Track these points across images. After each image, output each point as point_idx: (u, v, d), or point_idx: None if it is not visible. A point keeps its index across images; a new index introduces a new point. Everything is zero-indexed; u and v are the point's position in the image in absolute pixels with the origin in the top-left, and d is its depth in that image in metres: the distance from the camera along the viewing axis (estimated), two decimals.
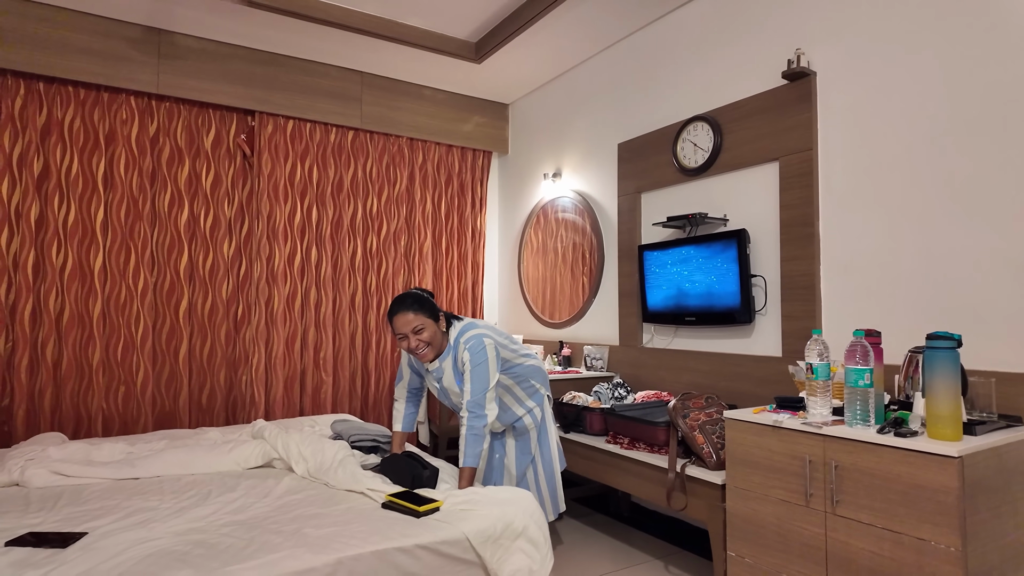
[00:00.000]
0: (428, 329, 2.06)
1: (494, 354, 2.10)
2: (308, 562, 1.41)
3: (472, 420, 1.99)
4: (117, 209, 3.18)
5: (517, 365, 2.35)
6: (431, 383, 2.24)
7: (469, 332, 2.11)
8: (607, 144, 3.44)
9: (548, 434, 2.44)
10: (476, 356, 2.05)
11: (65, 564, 1.37)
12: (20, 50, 2.93)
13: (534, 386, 2.42)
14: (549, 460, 2.43)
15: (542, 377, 2.46)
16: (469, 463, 1.97)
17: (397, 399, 2.33)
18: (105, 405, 3.11)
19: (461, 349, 2.08)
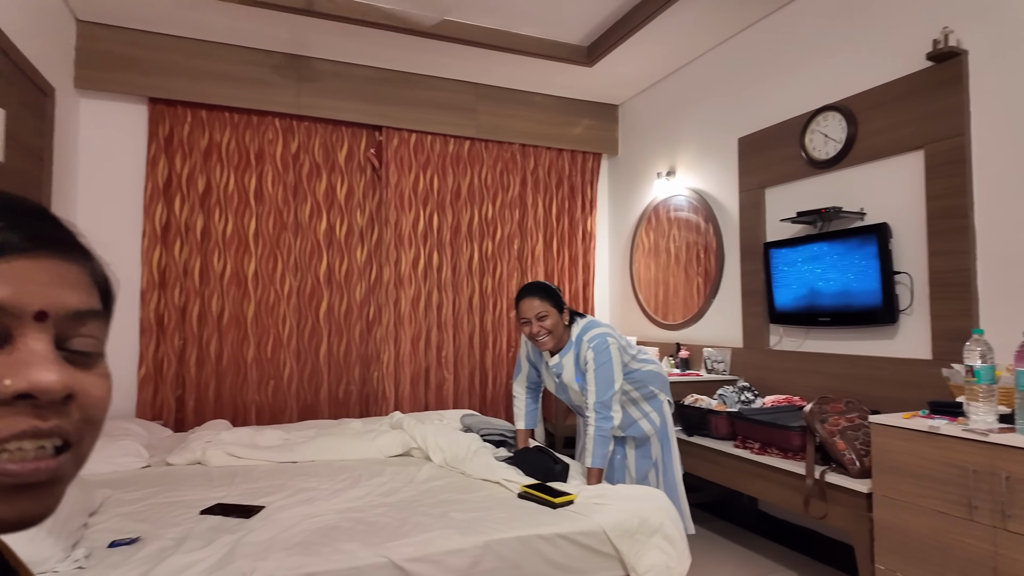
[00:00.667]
0: (551, 317, 2.11)
1: (618, 355, 2.12)
2: (458, 543, 1.51)
3: (600, 421, 2.02)
4: (266, 220, 3.54)
5: (635, 370, 2.33)
6: (549, 378, 2.28)
7: (593, 330, 2.13)
8: (726, 139, 3.36)
9: (670, 441, 2.40)
10: (600, 355, 2.07)
11: (252, 532, 1.57)
12: (186, 82, 3.35)
13: (652, 391, 2.38)
14: (671, 470, 2.37)
15: (661, 382, 2.42)
16: (597, 464, 2.00)
17: (516, 395, 2.39)
18: (258, 397, 3.46)
19: (584, 347, 2.11)
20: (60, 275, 0.38)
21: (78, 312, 0.39)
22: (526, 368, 2.37)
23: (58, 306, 0.38)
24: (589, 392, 2.06)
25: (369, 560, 1.42)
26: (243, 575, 1.33)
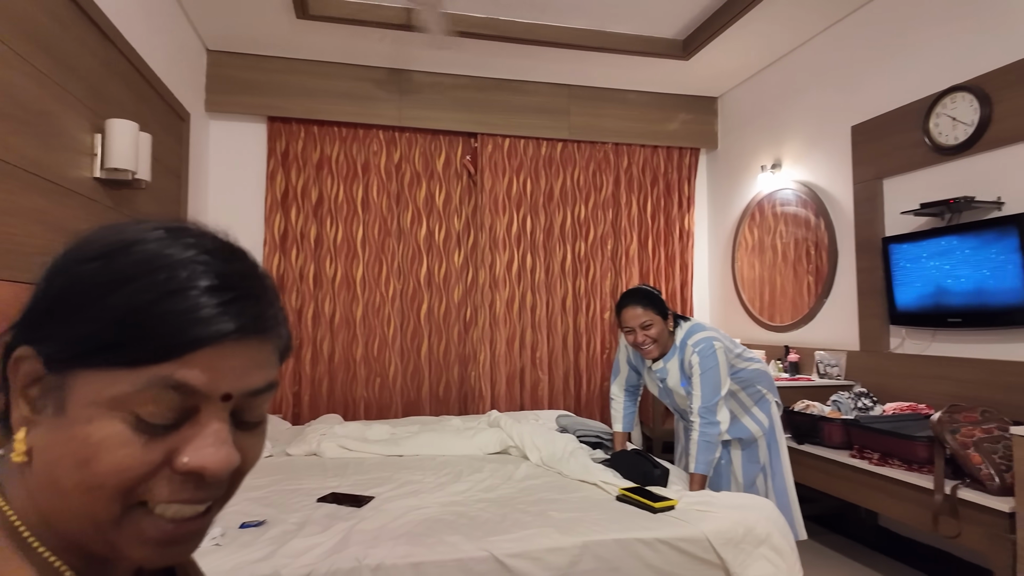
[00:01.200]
0: (656, 326, 2.07)
1: (724, 358, 2.04)
2: (557, 541, 1.53)
3: (705, 427, 1.96)
4: (372, 228, 3.74)
5: (741, 369, 2.24)
6: (651, 381, 2.24)
7: (698, 335, 2.07)
8: (837, 128, 3.14)
9: (779, 444, 2.29)
10: (706, 361, 2.01)
11: (364, 520, 1.67)
12: (300, 101, 3.61)
13: (760, 391, 2.28)
14: (781, 474, 2.26)
15: (768, 382, 2.31)
16: (701, 470, 1.95)
17: (614, 397, 2.37)
18: (366, 393, 3.67)
19: (689, 351, 2.05)
20: (253, 358, 0.41)
21: (257, 390, 0.42)
22: (625, 371, 2.34)
23: (244, 388, 0.41)
24: (694, 397, 2.01)
25: (472, 553, 1.47)
26: (357, 560, 1.42)
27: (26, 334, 0.41)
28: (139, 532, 0.39)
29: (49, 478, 0.39)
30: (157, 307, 0.38)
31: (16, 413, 0.41)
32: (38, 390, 0.40)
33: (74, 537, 0.41)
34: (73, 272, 0.40)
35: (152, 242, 0.40)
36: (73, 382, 0.38)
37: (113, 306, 0.38)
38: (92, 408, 0.38)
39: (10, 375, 0.41)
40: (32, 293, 0.42)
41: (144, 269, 0.39)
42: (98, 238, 0.42)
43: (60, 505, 0.39)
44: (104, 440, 0.37)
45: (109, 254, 0.40)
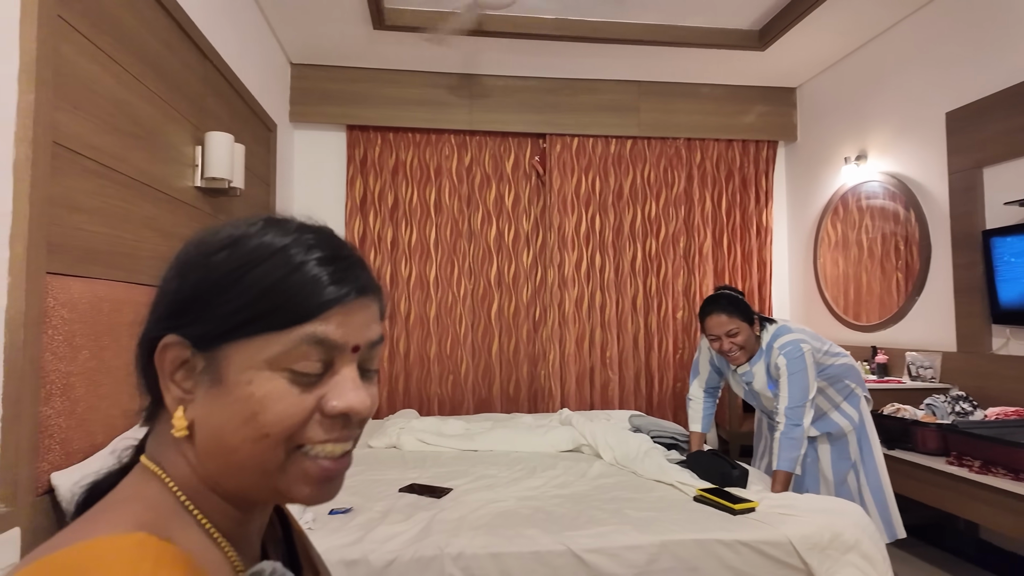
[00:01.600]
0: (743, 333, 2.02)
1: (812, 360, 1.98)
2: (635, 539, 1.53)
3: (790, 426, 1.91)
4: (444, 230, 3.84)
5: (829, 366, 2.16)
6: (736, 383, 2.20)
7: (784, 337, 2.02)
8: (929, 115, 2.95)
9: (870, 439, 2.19)
10: (793, 364, 1.95)
11: (444, 511, 1.73)
12: (376, 109, 3.76)
13: (849, 386, 2.19)
14: (875, 470, 2.16)
15: (856, 376, 2.22)
16: (785, 467, 1.90)
17: (693, 398, 2.34)
18: (439, 390, 3.77)
19: (775, 354, 2.00)
20: (369, 314, 0.48)
21: (375, 342, 0.49)
22: (706, 372, 2.30)
23: (366, 340, 0.48)
24: (781, 398, 1.96)
25: (549, 547, 1.50)
26: (439, 548, 1.48)
27: (166, 325, 0.46)
28: (302, 472, 0.46)
29: (217, 442, 0.45)
30: (289, 279, 0.44)
31: (169, 396, 0.46)
32: (184, 372, 0.46)
33: (241, 492, 0.47)
34: (206, 264, 0.46)
35: (262, 232, 0.47)
36: (226, 355, 0.44)
37: (252, 284, 0.44)
38: (250, 372, 0.44)
39: (157, 364, 0.46)
40: (164, 290, 0.48)
41: (266, 252, 0.45)
42: (212, 236, 0.48)
43: (229, 462, 0.45)
44: (267, 395, 0.44)
45: (231, 245, 0.46)
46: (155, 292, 0.49)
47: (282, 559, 0.57)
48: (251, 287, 0.44)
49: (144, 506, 0.43)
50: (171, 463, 0.47)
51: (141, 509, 0.43)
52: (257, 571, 0.44)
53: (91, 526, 0.41)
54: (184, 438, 0.46)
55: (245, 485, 0.46)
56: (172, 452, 0.47)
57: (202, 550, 0.44)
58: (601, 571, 1.48)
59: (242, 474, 0.46)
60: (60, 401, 1.38)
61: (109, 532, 0.39)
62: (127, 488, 0.46)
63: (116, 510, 0.42)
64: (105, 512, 0.42)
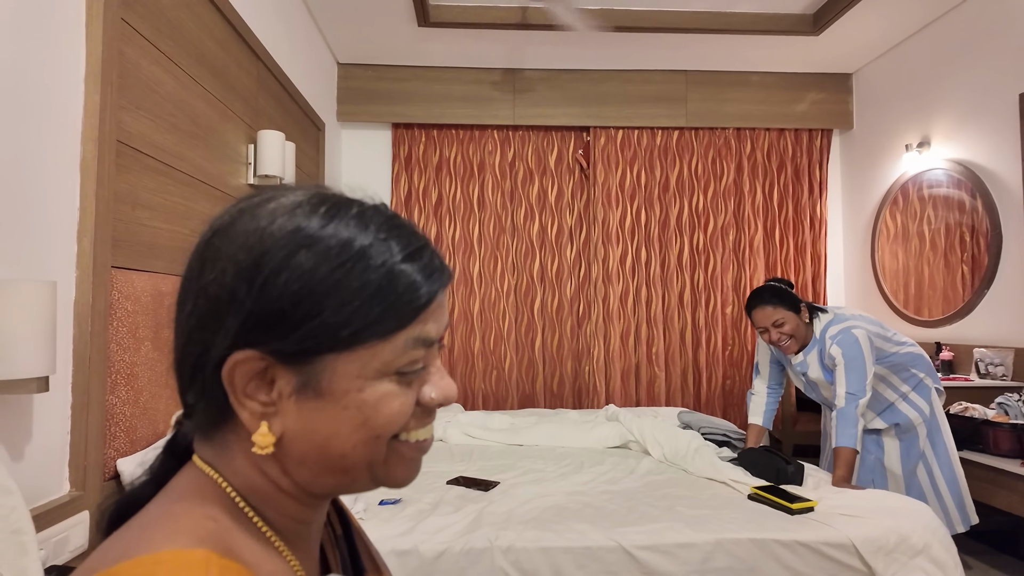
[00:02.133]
0: (789, 323, 1.99)
1: (868, 345, 1.91)
2: (689, 537, 1.49)
3: (848, 403, 1.87)
4: (487, 225, 3.85)
5: (892, 353, 2.07)
6: (795, 376, 2.14)
7: (837, 326, 1.96)
8: (999, 98, 2.78)
9: (941, 431, 2.09)
10: (848, 351, 1.89)
11: (493, 503, 1.73)
12: (421, 106, 3.79)
13: (916, 375, 2.09)
14: (948, 461, 2.07)
15: (926, 366, 2.12)
16: (845, 442, 1.84)
17: (755, 392, 2.28)
18: (483, 385, 3.78)
19: (828, 344, 1.94)
20: (444, 300, 0.47)
21: (447, 325, 0.49)
22: (766, 369, 2.26)
23: (446, 327, 0.48)
24: (839, 384, 1.91)
25: (600, 542, 1.48)
26: (489, 541, 1.47)
27: (245, 339, 0.41)
28: (400, 458, 0.46)
29: (321, 451, 0.43)
30: (389, 284, 0.42)
31: (246, 412, 0.42)
32: (257, 383, 0.42)
33: (335, 490, 0.47)
34: (288, 268, 0.41)
35: (333, 223, 0.43)
36: (328, 367, 0.42)
37: (352, 294, 0.41)
38: (359, 380, 0.42)
39: (226, 380, 0.42)
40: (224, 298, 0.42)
41: (353, 252, 0.42)
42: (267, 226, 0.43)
43: (334, 466, 0.44)
44: (381, 399, 0.43)
45: (308, 244, 0.41)
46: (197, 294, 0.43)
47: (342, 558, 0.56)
48: (353, 296, 0.41)
49: (202, 514, 0.41)
50: (232, 469, 0.45)
51: (200, 518, 0.41)
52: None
53: (148, 536, 0.39)
54: (274, 453, 0.43)
55: (342, 483, 0.46)
56: (236, 459, 0.45)
57: (264, 560, 0.43)
58: (654, 569, 1.45)
59: (343, 475, 0.45)
60: (125, 390, 1.43)
61: (169, 545, 0.38)
62: (180, 494, 0.43)
63: (173, 520, 0.40)
64: (161, 521, 0.40)
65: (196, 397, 0.44)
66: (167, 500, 0.43)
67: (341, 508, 0.60)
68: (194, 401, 0.45)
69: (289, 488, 0.45)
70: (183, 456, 0.48)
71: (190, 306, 0.44)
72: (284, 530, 0.46)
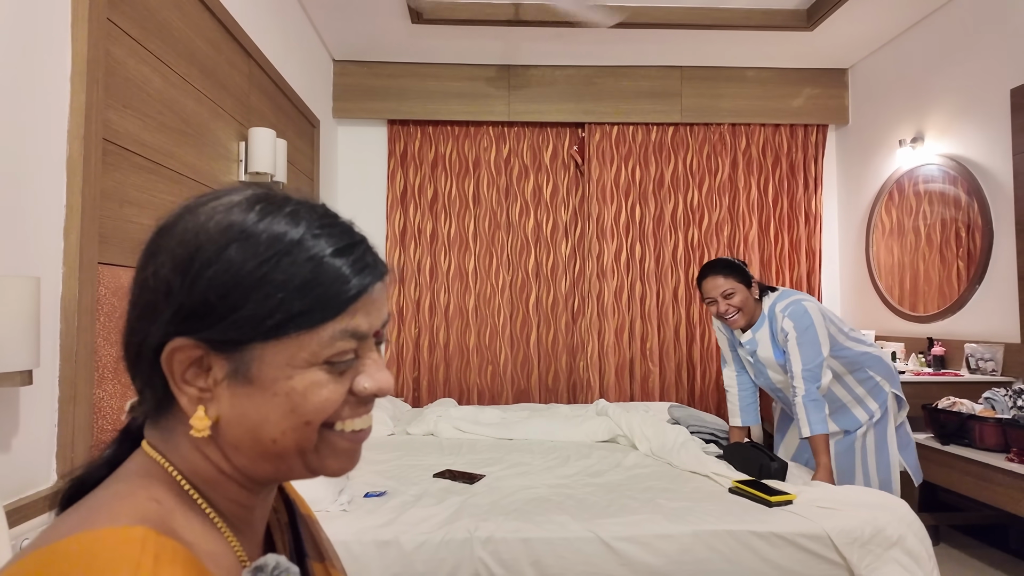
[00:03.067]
0: (739, 294, 1.99)
1: (820, 318, 1.91)
2: (666, 528, 1.52)
3: (808, 386, 1.86)
4: (482, 221, 3.87)
5: (845, 348, 2.04)
6: (744, 357, 2.14)
7: (785, 300, 1.96)
8: (992, 92, 2.78)
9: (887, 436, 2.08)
10: (799, 321, 1.89)
11: (476, 496, 1.76)
12: (416, 103, 3.81)
13: (872, 378, 2.07)
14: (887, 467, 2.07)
15: (884, 369, 2.09)
16: (818, 430, 1.84)
17: (728, 388, 2.27)
18: (478, 380, 3.81)
19: (780, 318, 1.94)
20: (382, 295, 0.49)
21: (386, 321, 0.50)
22: (731, 357, 2.25)
23: (383, 321, 0.49)
24: (794, 362, 1.89)
25: (578, 533, 1.50)
26: (469, 531, 1.50)
27: (177, 328, 0.43)
28: (332, 448, 0.48)
29: (253, 435, 0.45)
30: (316, 277, 0.44)
31: (185, 397, 0.44)
32: (194, 371, 0.45)
33: (270, 476, 0.48)
34: (218, 261, 0.43)
35: (267, 220, 0.45)
36: (257, 355, 0.44)
37: (278, 285, 0.43)
38: (287, 368, 0.44)
39: (165, 366, 0.44)
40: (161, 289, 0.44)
41: (283, 246, 0.44)
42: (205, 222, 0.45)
43: (266, 451, 0.46)
44: (308, 388, 0.45)
45: (241, 238, 0.44)
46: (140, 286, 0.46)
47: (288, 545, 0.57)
48: (278, 288, 0.43)
49: (146, 496, 0.43)
50: (177, 454, 0.47)
51: (143, 499, 0.42)
52: (260, 565, 0.45)
53: (92, 515, 0.40)
54: (211, 436, 0.45)
55: (279, 469, 0.47)
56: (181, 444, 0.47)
57: (205, 541, 0.44)
58: (632, 560, 1.47)
59: (278, 460, 0.46)
60: (112, 384, 1.46)
61: (110, 524, 0.39)
62: (127, 477, 0.45)
63: (118, 500, 0.42)
64: (106, 501, 0.42)
65: (142, 384, 0.47)
66: (114, 483, 0.45)
67: (288, 496, 0.61)
68: (140, 388, 0.47)
69: (231, 472, 0.47)
70: (136, 441, 0.49)
71: (133, 298, 0.46)
72: (228, 513, 0.48)
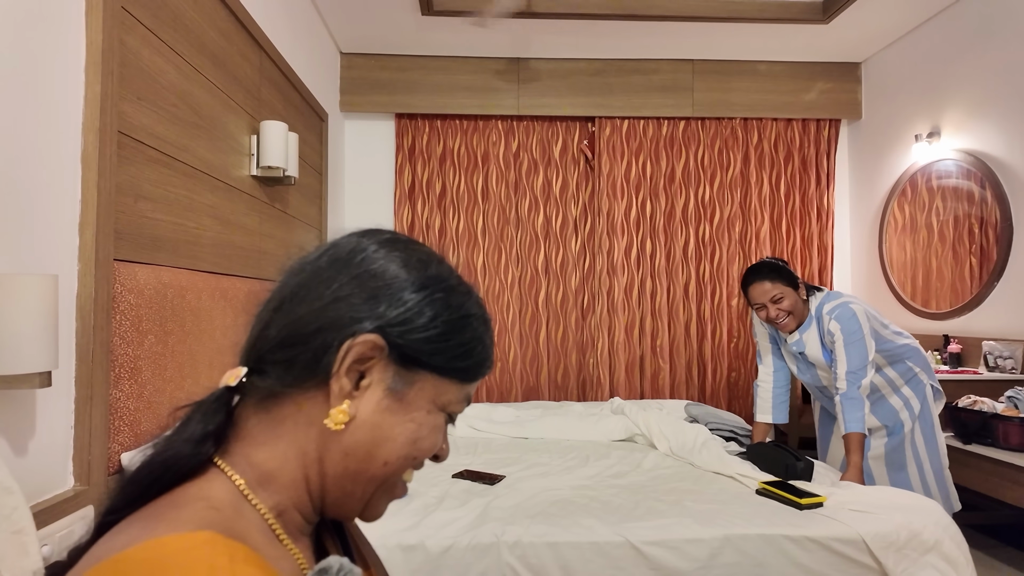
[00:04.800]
0: (788, 298, 1.97)
1: (866, 320, 1.90)
2: (697, 532, 1.48)
3: (850, 386, 1.85)
4: (491, 217, 3.82)
5: (888, 342, 2.04)
6: (789, 357, 2.12)
7: (832, 302, 1.95)
8: (1011, 87, 2.74)
9: (935, 429, 2.07)
10: (847, 324, 1.88)
11: (499, 497, 1.72)
12: (425, 97, 3.76)
13: (911, 369, 2.07)
14: (937, 455, 2.07)
15: (922, 361, 2.09)
16: (854, 428, 1.83)
17: (760, 383, 2.25)
18: (487, 377, 3.76)
19: (826, 320, 1.93)
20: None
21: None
22: (768, 354, 2.22)
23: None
24: (839, 363, 1.89)
25: (608, 538, 1.46)
26: (495, 535, 1.46)
27: (387, 329, 0.48)
28: (391, 492, 0.52)
29: (371, 446, 0.49)
30: (484, 345, 0.53)
31: (338, 385, 0.47)
32: (355, 371, 0.48)
33: (334, 500, 0.50)
34: (446, 302, 0.50)
35: (467, 289, 0.53)
36: (421, 379, 0.50)
37: (469, 337, 0.51)
38: (430, 404, 0.50)
39: (344, 349, 0.47)
40: (397, 297, 0.49)
41: (477, 312, 0.53)
42: (439, 267, 0.52)
43: (364, 469, 0.49)
44: (434, 427, 0.51)
45: (465, 293, 0.52)
46: (362, 281, 0.49)
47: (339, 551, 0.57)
48: (464, 341, 0.51)
49: (205, 505, 0.43)
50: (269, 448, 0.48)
51: (202, 508, 0.42)
52: (325, 567, 0.44)
53: (152, 524, 0.40)
54: (331, 432, 0.48)
55: (351, 497, 0.50)
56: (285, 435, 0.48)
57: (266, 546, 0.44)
58: (662, 564, 1.44)
59: (367, 484, 0.50)
60: (129, 384, 1.42)
61: (174, 531, 0.38)
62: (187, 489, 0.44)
63: (175, 509, 0.42)
64: (163, 511, 0.41)
65: (284, 359, 0.47)
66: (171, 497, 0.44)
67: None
68: (280, 361, 0.48)
69: (314, 480, 0.49)
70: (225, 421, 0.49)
71: (343, 282, 0.49)
72: (287, 520, 0.48)
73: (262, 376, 0.48)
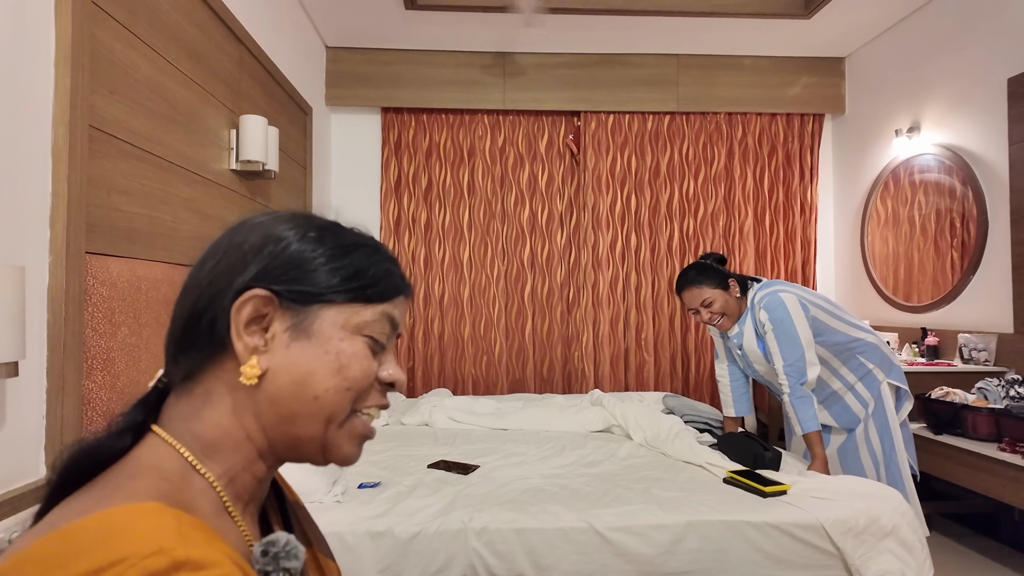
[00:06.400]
0: (718, 300, 1.99)
1: (798, 309, 1.89)
2: (660, 518, 1.51)
3: (793, 384, 1.87)
4: (477, 211, 3.84)
5: (839, 334, 2.03)
6: (733, 350, 2.15)
7: (765, 291, 1.96)
8: (989, 82, 2.76)
9: (891, 428, 2.06)
10: (775, 312, 1.89)
11: (471, 486, 1.75)
12: (410, 91, 3.77)
13: (864, 366, 2.05)
14: (895, 462, 2.05)
15: (878, 358, 2.07)
16: (810, 427, 1.86)
17: (720, 378, 2.28)
18: (473, 370, 3.80)
19: (757, 310, 1.95)
20: (406, 306, 0.59)
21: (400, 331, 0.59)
22: (723, 350, 2.25)
23: (402, 326, 0.58)
24: (775, 357, 1.90)
25: (573, 524, 1.50)
26: (463, 522, 1.50)
27: (261, 283, 0.50)
28: (352, 430, 0.53)
29: (299, 387, 0.50)
30: (379, 267, 0.54)
31: (242, 344, 0.50)
32: (255, 325, 0.50)
33: (289, 444, 0.52)
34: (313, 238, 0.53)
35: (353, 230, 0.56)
36: (320, 314, 0.51)
37: (353, 262, 0.53)
38: (341, 331, 0.52)
39: (234, 314, 0.49)
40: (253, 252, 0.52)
41: (362, 241, 0.55)
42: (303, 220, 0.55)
43: (303, 409, 0.51)
44: (356, 352, 0.52)
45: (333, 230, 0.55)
46: (224, 250, 0.52)
47: (282, 528, 0.59)
48: (352, 264, 0.53)
49: (156, 476, 0.45)
50: (205, 421, 0.50)
51: (154, 479, 0.44)
52: (272, 540, 0.46)
53: (106, 494, 0.41)
54: (250, 387, 0.50)
55: (299, 440, 0.51)
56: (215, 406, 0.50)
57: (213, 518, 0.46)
58: (625, 549, 1.47)
59: (308, 423, 0.51)
60: (101, 375, 1.44)
61: (125, 502, 0.40)
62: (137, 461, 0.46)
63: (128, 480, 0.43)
64: (118, 483, 0.43)
65: (184, 348, 0.51)
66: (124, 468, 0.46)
67: (279, 487, 0.63)
68: (180, 352, 0.51)
69: (255, 435, 0.51)
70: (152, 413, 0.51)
71: (217, 259, 0.52)
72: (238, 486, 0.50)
73: (177, 364, 0.52)
